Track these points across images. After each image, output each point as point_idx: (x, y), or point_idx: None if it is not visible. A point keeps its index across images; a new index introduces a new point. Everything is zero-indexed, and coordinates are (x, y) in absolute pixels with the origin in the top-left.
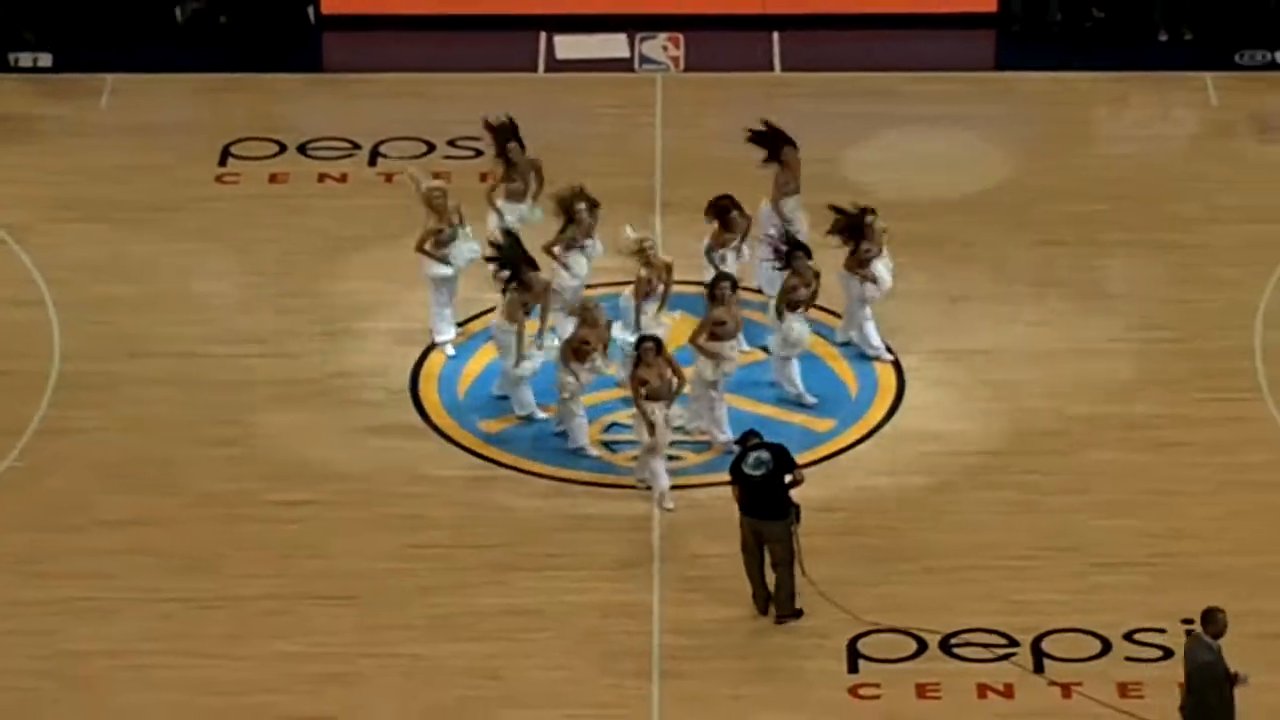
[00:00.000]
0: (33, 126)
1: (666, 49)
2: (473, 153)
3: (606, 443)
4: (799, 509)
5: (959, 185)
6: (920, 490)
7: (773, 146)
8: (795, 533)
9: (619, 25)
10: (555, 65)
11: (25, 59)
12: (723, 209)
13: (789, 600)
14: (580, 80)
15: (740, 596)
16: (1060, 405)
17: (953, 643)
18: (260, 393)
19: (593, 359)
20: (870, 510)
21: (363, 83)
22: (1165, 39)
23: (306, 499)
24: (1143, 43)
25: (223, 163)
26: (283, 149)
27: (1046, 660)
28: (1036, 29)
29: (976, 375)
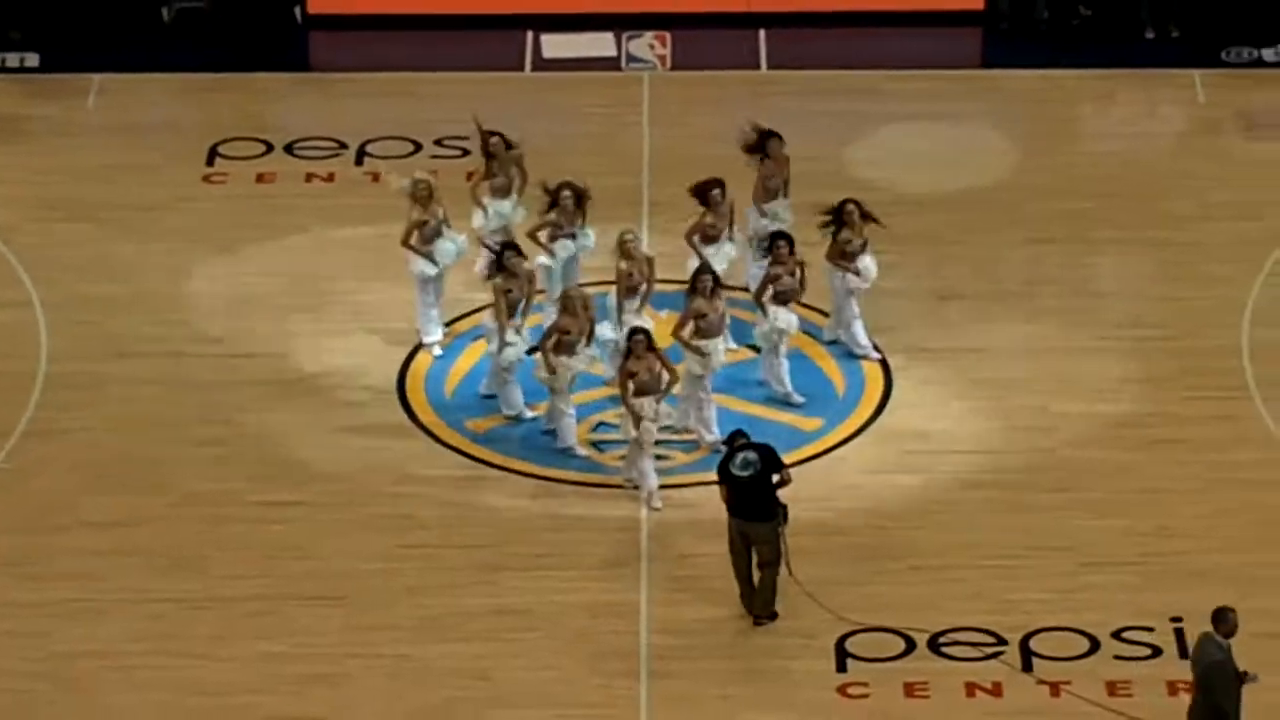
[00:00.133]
0: (19, 126)
1: (653, 48)
2: (459, 152)
3: (594, 442)
4: (786, 509)
5: (947, 183)
6: (908, 489)
7: (757, 140)
8: (782, 534)
9: (606, 24)
10: (542, 64)
11: (12, 59)
12: (704, 187)
13: (769, 603)
14: (567, 79)
15: (728, 596)
16: (1049, 403)
17: (941, 642)
18: (247, 393)
19: (576, 351)
20: (858, 509)
21: (349, 82)
22: (1152, 37)
23: (293, 499)
24: (1130, 40)
25: (210, 162)
26: (270, 148)
27: (1035, 659)
28: (1024, 27)
29: (965, 374)
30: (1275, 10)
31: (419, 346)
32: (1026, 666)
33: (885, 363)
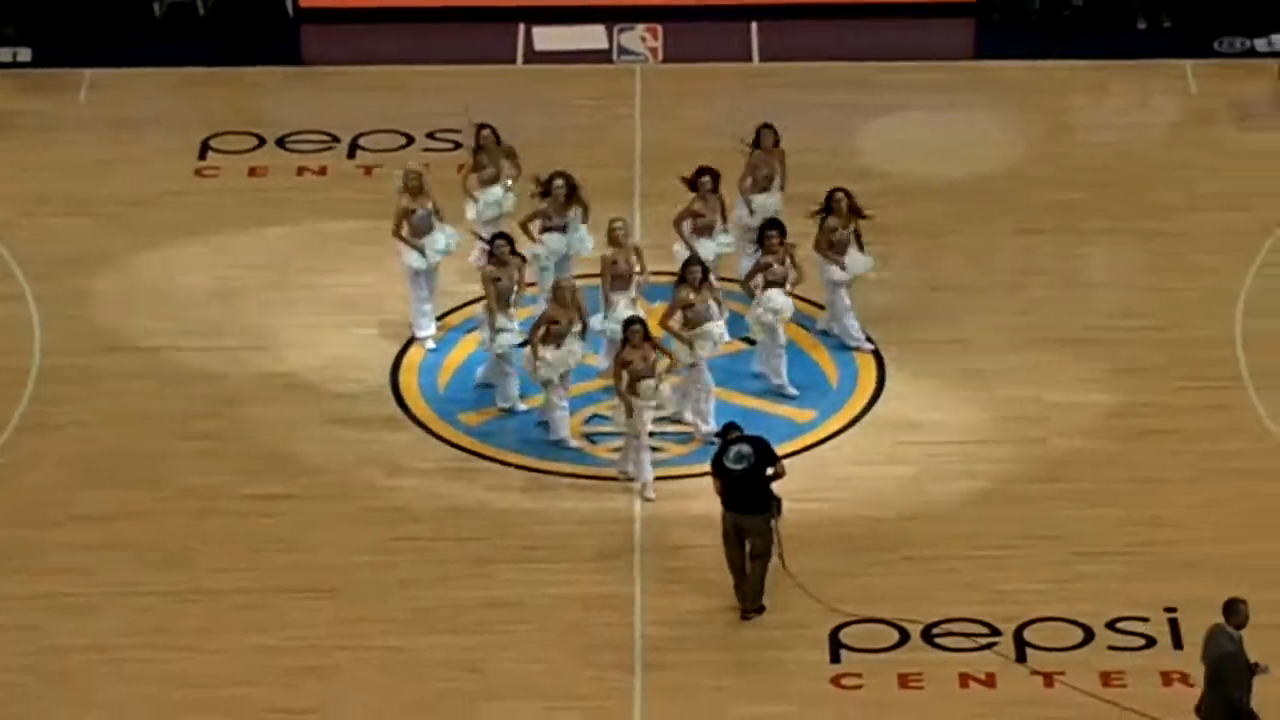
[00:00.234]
0: (12, 121)
1: (645, 40)
2: (452, 145)
3: (588, 435)
4: (780, 502)
5: (939, 174)
6: (901, 480)
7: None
8: (776, 526)
9: (597, 17)
10: (534, 57)
11: (4, 54)
12: (695, 174)
13: (757, 595)
14: (559, 72)
15: (722, 588)
16: (1041, 394)
17: (934, 632)
18: (239, 386)
19: (565, 343)
20: (851, 500)
21: (341, 75)
22: (1144, 27)
23: (284, 492)
24: (1122, 31)
25: (202, 156)
26: (262, 142)
27: (1029, 649)
28: (1016, 17)
29: (957, 364)
30: (1267, 1)
31: (412, 340)
32: (1020, 657)
33: (878, 354)
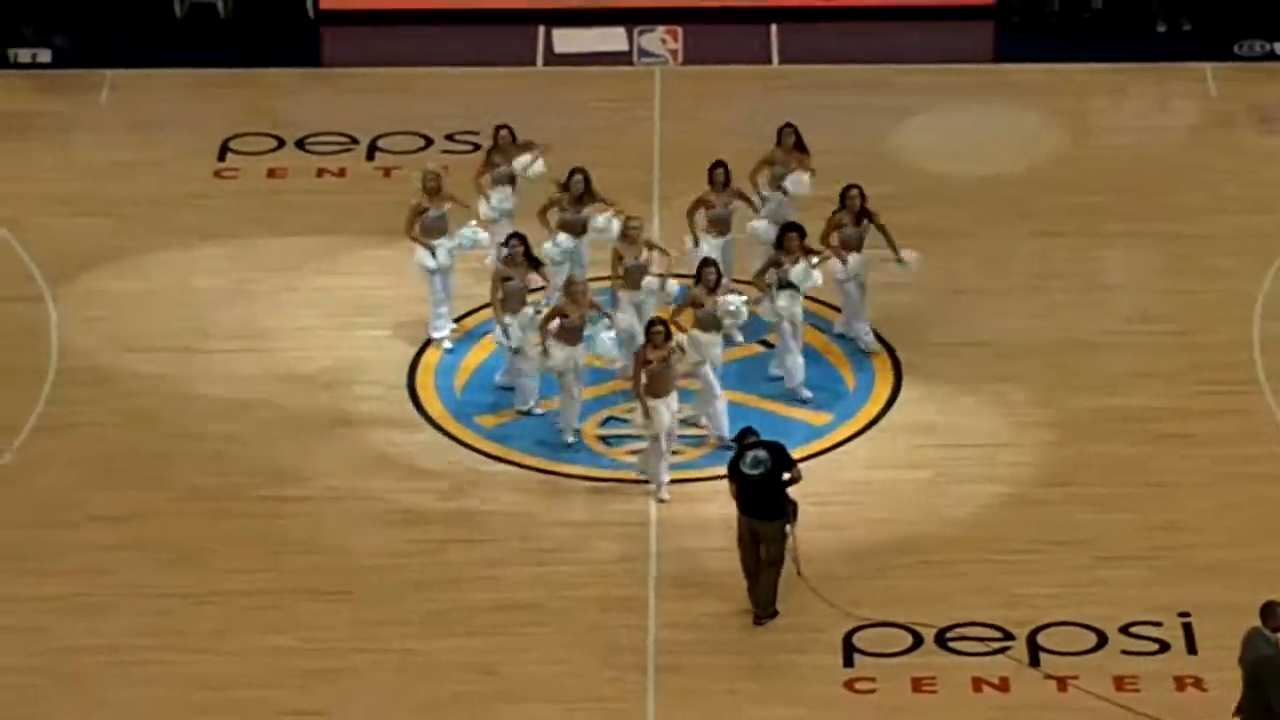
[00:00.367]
0: (32, 122)
1: (665, 42)
2: (471, 147)
3: (603, 437)
4: (796, 507)
5: (957, 177)
6: (917, 484)
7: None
8: (791, 532)
9: (617, 19)
10: (553, 59)
11: (24, 55)
12: (712, 165)
13: (770, 601)
14: (578, 74)
15: (736, 591)
16: (1058, 398)
17: (948, 636)
18: (256, 387)
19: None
20: (867, 504)
21: (360, 77)
22: (1164, 30)
23: (300, 494)
24: (1141, 33)
25: (221, 158)
26: (281, 144)
27: (1042, 654)
28: (1035, 20)
29: (974, 368)
30: None
31: (429, 341)
32: (1034, 661)
33: (895, 357)
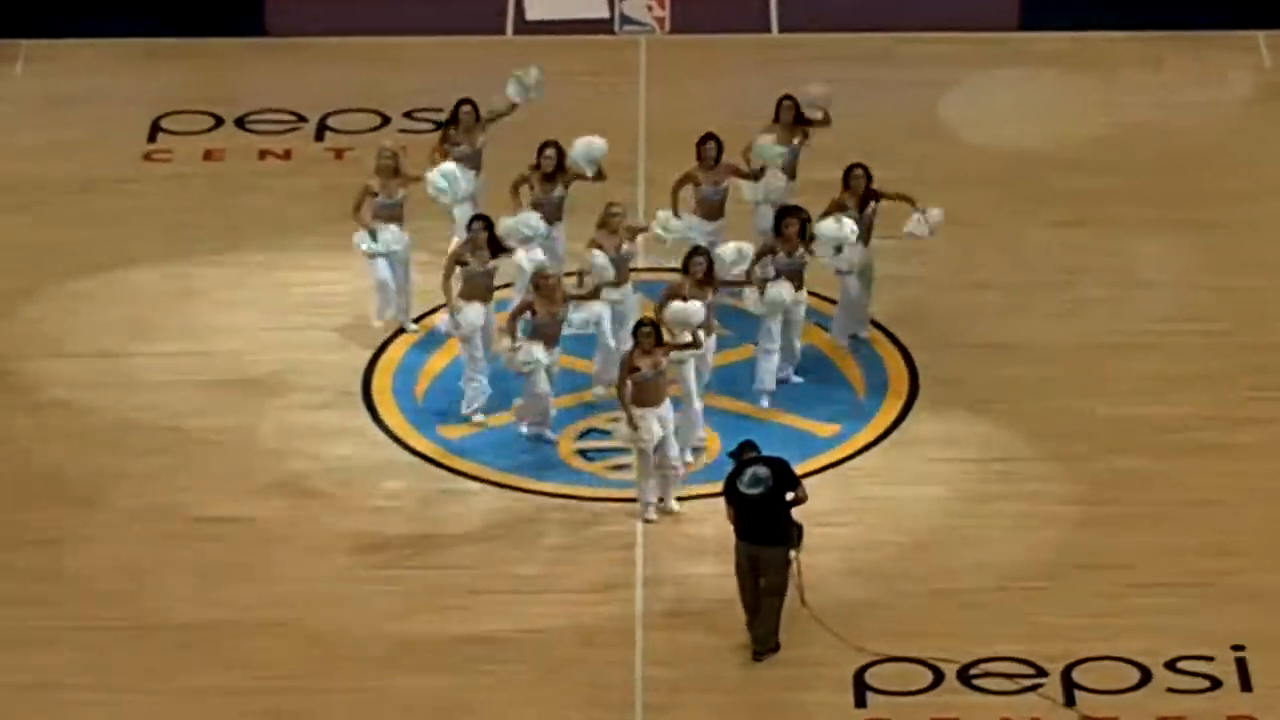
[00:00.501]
0: None
1: (650, 8)
2: (432, 126)
3: (583, 451)
4: (801, 530)
5: (975, 159)
6: (934, 501)
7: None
8: (795, 559)
9: None
10: (526, 27)
11: None
12: (701, 139)
13: (772, 634)
14: (554, 43)
15: (733, 622)
16: (1089, 406)
17: (972, 673)
18: (196, 395)
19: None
20: (878, 524)
21: (308, 47)
22: None
23: (247, 514)
24: None
25: (152, 138)
26: (219, 122)
27: (1078, 692)
28: None
29: (995, 372)
30: None
31: (386, 344)
32: (1069, 701)
33: (910, 361)
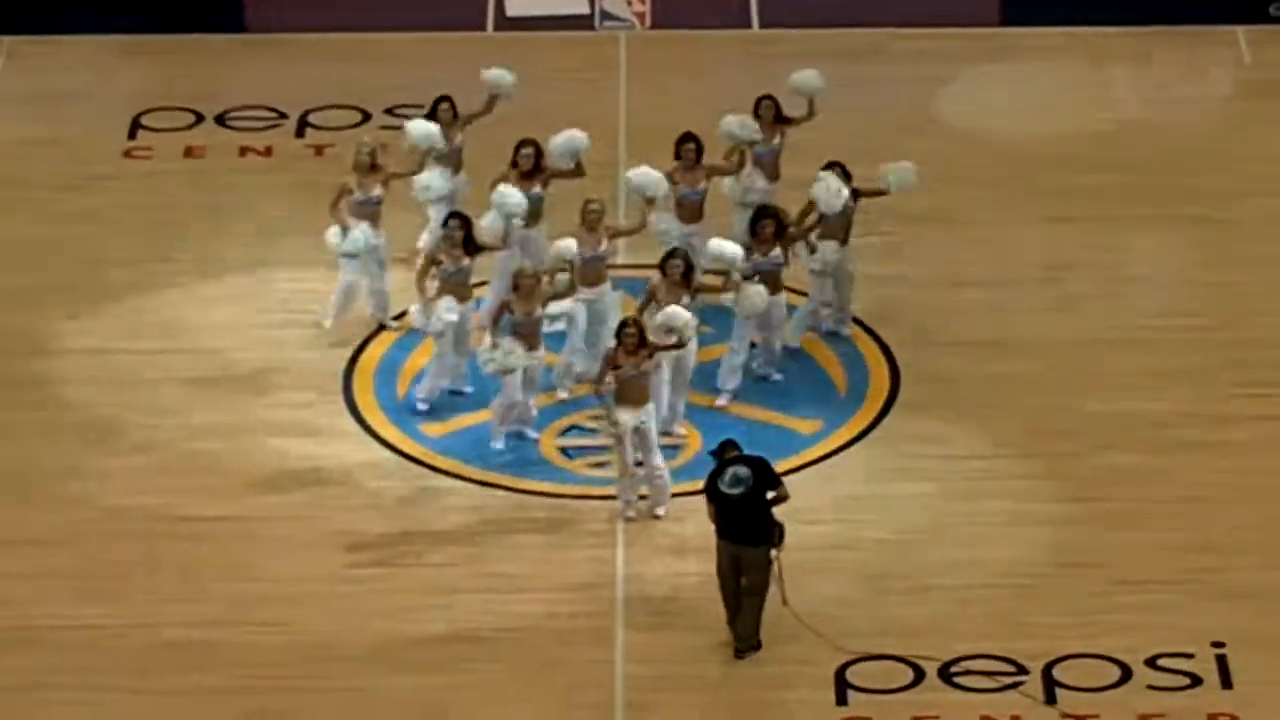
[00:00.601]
0: None
1: (631, 4)
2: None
3: (565, 449)
4: (783, 530)
5: (960, 155)
6: (917, 498)
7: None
8: (776, 558)
9: None
10: (506, 23)
11: None
12: (680, 139)
13: (753, 633)
14: (534, 40)
15: (715, 621)
16: (1075, 402)
17: (953, 670)
18: (178, 394)
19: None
20: (860, 522)
21: (289, 44)
22: None
23: (229, 514)
24: None
25: (132, 135)
26: (199, 119)
27: (1059, 689)
28: None
29: (980, 368)
30: None
31: (366, 342)
32: (1050, 698)
33: (892, 358)
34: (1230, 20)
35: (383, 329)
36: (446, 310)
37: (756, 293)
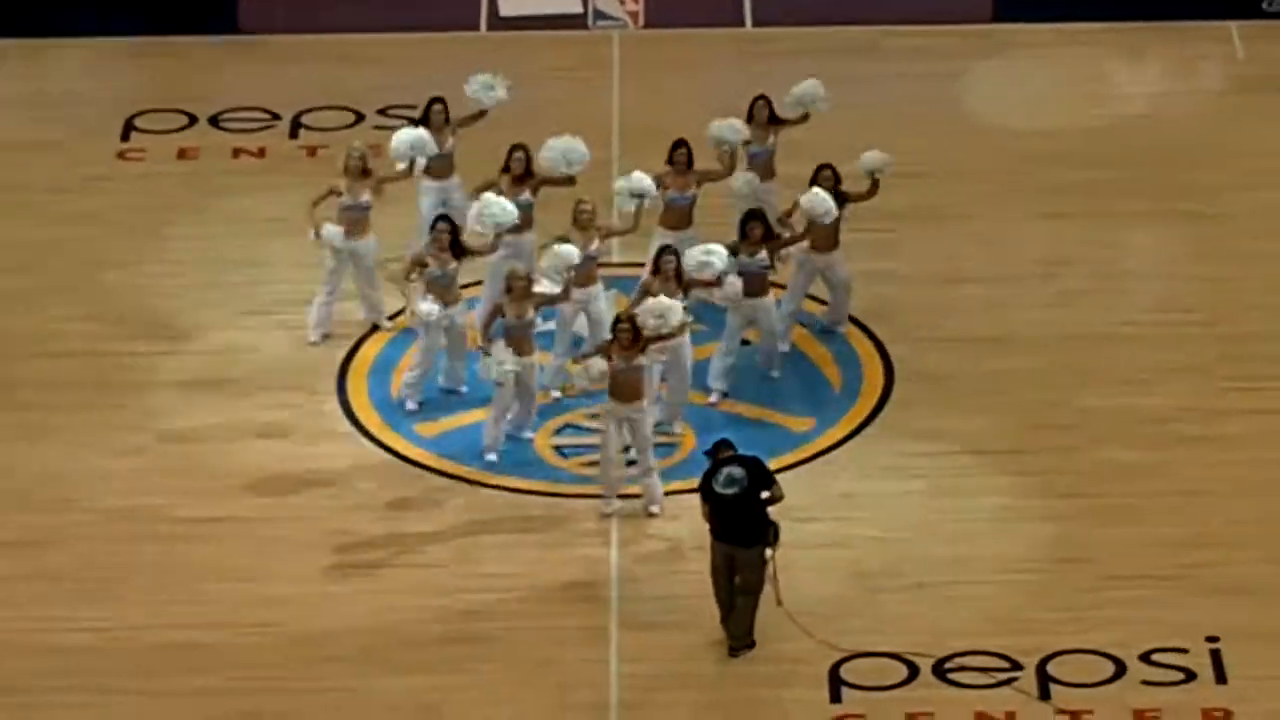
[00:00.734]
0: None
1: (624, 3)
2: (407, 123)
3: (559, 448)
4: (778, 529)
5: (954, 152)
6: (911, 495)
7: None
8: (771, 558)
9: None
10: (499, 23)
11: None
12: (673, 145)
13: (747, 632)
14: (527, 39)
15: (709, 620)
16: (1070, 398)
17: (947, 667)
18: (171, 395)
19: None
20: (854, 519)
21: (283, 45)
22: None
23: (222, 515)
24: None
25: (125, 137)
26: (193, 121)
27: (1053, 685)
28: None
29: (974, 365)
30: None
31: (361, 341)
32: (1044, 694)
33: (885, 355)
34: (1223, 15)
35: (376, 329)
36: (424, 303)
37: (732, 281)
